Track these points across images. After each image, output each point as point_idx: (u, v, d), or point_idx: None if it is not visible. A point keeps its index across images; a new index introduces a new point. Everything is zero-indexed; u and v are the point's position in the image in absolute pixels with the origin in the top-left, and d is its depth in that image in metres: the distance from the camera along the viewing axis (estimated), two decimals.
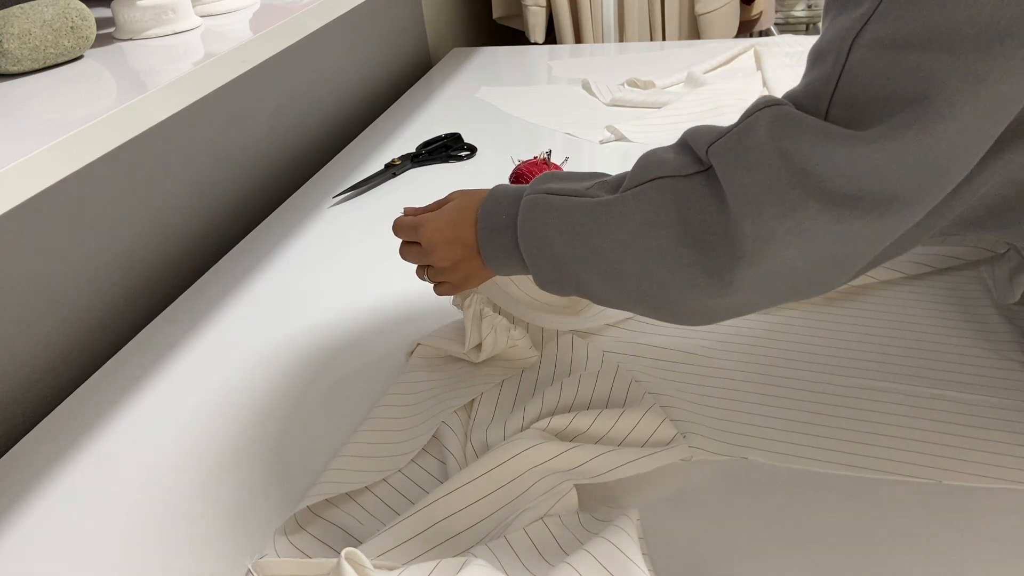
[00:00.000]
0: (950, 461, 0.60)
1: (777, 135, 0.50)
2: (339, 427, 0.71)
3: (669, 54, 1.61)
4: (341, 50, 1.40)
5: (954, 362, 0.70)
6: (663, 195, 0.55)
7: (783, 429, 0.64)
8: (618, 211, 0.57)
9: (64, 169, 0.55)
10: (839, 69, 0.49)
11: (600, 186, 0.60)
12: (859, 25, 0.48)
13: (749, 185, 0.50)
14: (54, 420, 0.76)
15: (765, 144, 0.50)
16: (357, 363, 0.79)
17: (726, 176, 0.52)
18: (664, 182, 0.56)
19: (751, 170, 0.50)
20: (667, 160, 0.57)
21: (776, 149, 0.49)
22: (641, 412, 0.64)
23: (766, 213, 0.50)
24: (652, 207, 0.56)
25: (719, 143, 0.53)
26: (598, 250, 0.58)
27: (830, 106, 0.49)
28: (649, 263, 0.56)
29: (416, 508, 0.58)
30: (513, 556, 0.55)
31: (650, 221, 0.56)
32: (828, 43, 0.50)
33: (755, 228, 0.51)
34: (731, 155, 0.52)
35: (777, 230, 0.50)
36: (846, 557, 0.54)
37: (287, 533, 0.60)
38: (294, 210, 1.13)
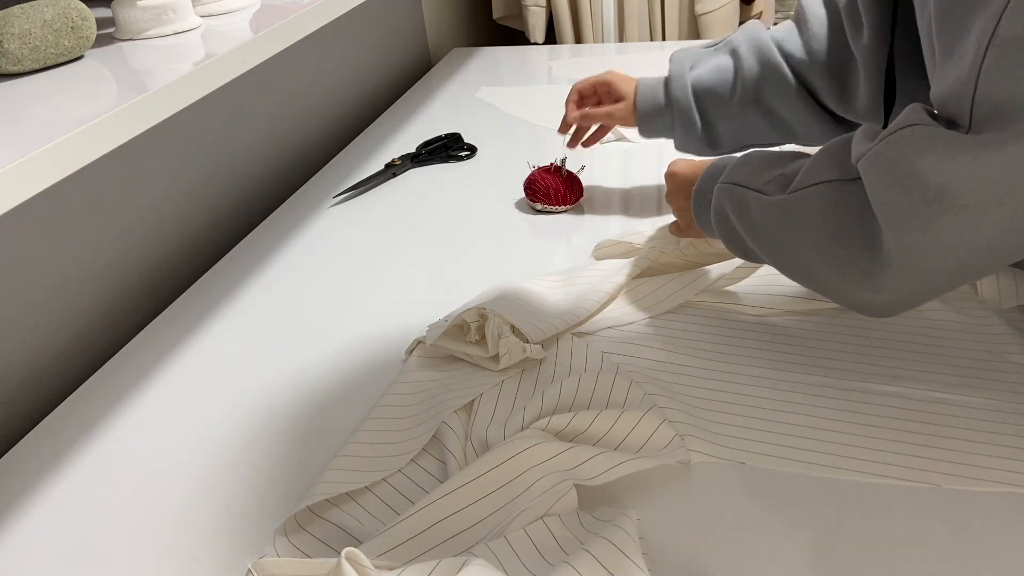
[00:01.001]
0: (949, 465, 0.60)
1: (911, 154, 0.51)
2: (339, 426, 0.71)
3: (669, 54, 1.61)
4: (341, 50, 1.40)
5: (954, 365, 0.69)
6: (823, 199, 0.60)
7: (781, 433, 0.64)
8: (783, 211, 0.63)
9: (64, 169, 0.55)
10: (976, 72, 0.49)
11: (777, 181, 0.64)
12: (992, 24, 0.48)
13: (888, 203, 0.53)
14: (54, 420, 0.76)
15: (899, 164, 0.52)
16: (357, 363, 0.79)
17: (870, 191, 0.55)
18: (827, 187, 0.59)
19: (888, 189, 0.53)
20: (836, 161, 0.60)
21: (909, 169, 0.51)
22: (640, 414, 0.64)
23: (906, 228, 0.52)
24: (811, 209, 0.60)
25: (863, 160, 0.55)
26: (770, 241, 0.65)
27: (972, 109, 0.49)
28: (810, 259, 0.61)
29: (416, 508, 0.58)
30: (513, 556, 0.55)
31: (809, 223, 0.60)
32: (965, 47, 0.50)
33: (897, 242, 0.53)
34: (872, 172, 0.54)
35: (919, 243, 0.52)
36: (843, 560, 0.54)
37: (287, 533, 0.60)
38: (294, 210, 1.13)
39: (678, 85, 0.92)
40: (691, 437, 0.64)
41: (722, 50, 0.92)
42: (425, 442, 0.66)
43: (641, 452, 0.62)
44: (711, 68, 0.91)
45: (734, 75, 0.89)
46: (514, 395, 0.71)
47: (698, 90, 0.91)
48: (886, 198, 0.53)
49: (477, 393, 0.71)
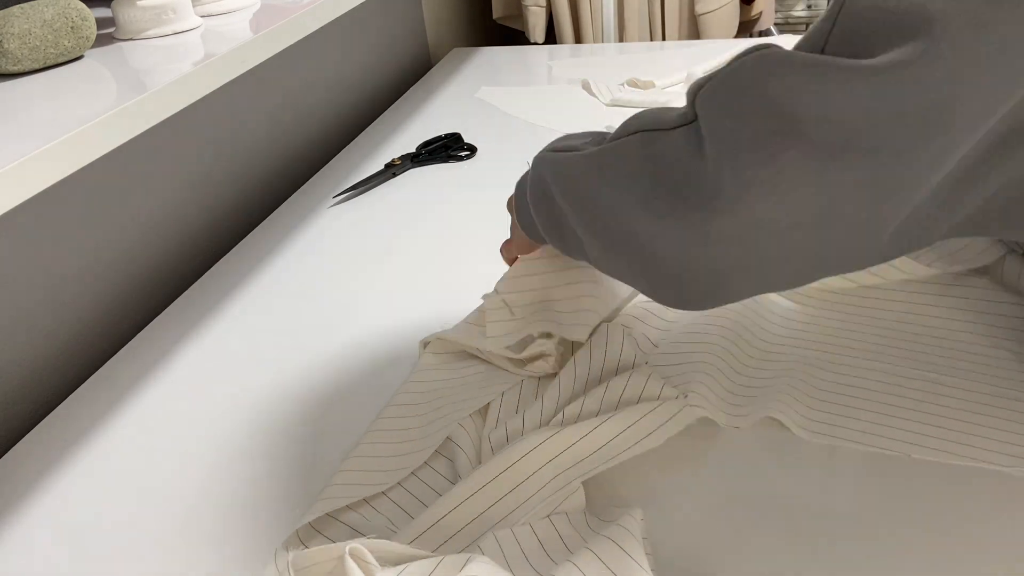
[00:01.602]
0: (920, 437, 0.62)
1: (763, 77, 0.47)
2: (339, 426, 0.71)
3: (669, 54, 1.61)
4: (341, 50, 1.40)
5: (944, 347, 0.70)
6: (641, 148, 0.55)
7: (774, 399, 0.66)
8: (599, 162, 0.58)
9: (64, 169, 0.55)
10: (838, 6, 0.46)
11: (594, 140, 0.60)
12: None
13: (731, 131, 0.48)
14: (54, 420, 0.76)
15: (750, 87, 0.47)
16: (358, 362, 0.79)
17: (708, 123, 0.50)
18: (644, 135, 0.55)
19: (733, 115, 0.48)
20: (655, 115, 0.56)
21: (761, 92, 0.46)
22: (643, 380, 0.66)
23: (745, 160, 0.47)
24: (628, 159, 0.55)
25: (705, 88, 0.50)
26: (585, 201, 0.59)
27: (826, 44, 0.46)
28: (628, 213, 0.55)
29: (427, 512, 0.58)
30: (518, 552, 0.55)
31: (626, 172, 0.55)
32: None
33: (732, 175, 0.48)
34: (715, 100, 0.49)
35: (755, 178, 0.47)
36: (844, 559, 0.54)
37: (300, 536, 0.60)
38: (294, 210, 1.13)
39: None
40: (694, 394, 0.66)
41: None
42: (439, 444, 0.66)
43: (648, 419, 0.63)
44: None
45: None
46: (533, 394, 0.71)
47: None
48: (730, 126, 0.48)
49: (495, 395, 0.70)
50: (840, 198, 0.47)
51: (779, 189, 0.47)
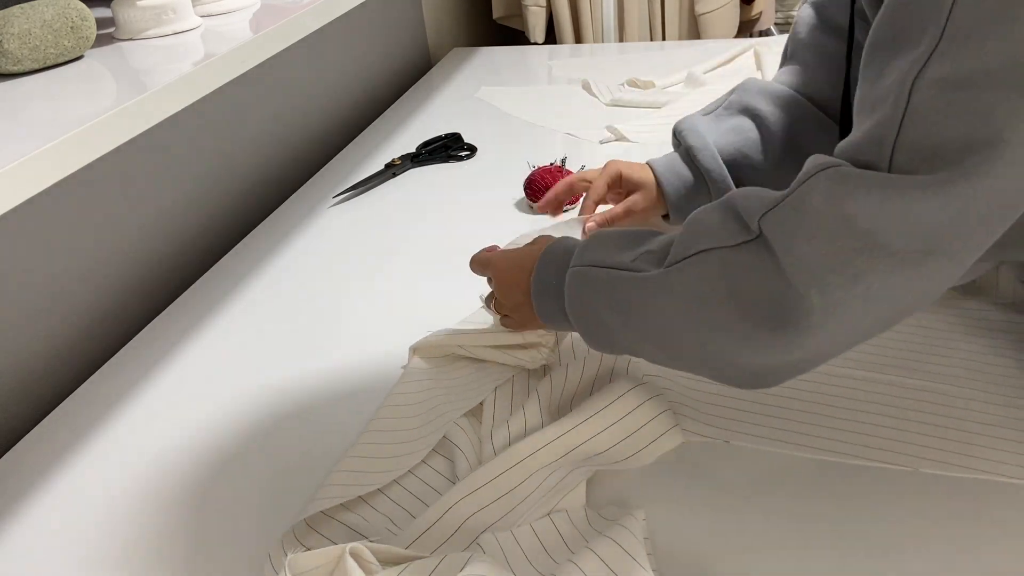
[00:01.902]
0: (927, 450, 0.61)
1: (837, 199, 0.47)
2: (339, 426, 0.71)
3: (669, 54, 1.61)
4: (341, 50, 1.40)
5: (944, 356, 0.70)
6: (710, 268, 0.53)
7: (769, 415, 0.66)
8: (665, 287, 0.56)
9: (64, 169, 0.55)
10: (901, 112, 0.46)
11: (646, 257, 0.58)
12: (919, 66, 0.45)
13: (811, 256, 0.48)
14: (54, 420, 0.76)
15: (824, 210, 0.47)
16: (358, 362, 0.79)
17: (783, 247, 0.49)
18: (710, 255, 0.53)
19: (812, 240, 0.48)
20: (713, 228, 0.54)
21: (837, 215, 0.47)
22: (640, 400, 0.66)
23: (833, 283, 0.47)
24: (699, 282, 0.54)
25: (772, 213, 0.50)
26: (650, 325, 0.57)
27: (894, 151, 0.46)
28: (704, 336, 0.54)
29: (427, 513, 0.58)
30: (519, 552, 0.55)
31: (699, 297, 0.54)
32: (886, 88, 0.47)
33: (822, 299, 0.48)
34: (787, 225, 0.49)
35: (845, 298, 0.48)
36: (846, 558, 0.54)
37: (296, 535, 0.60)
38: (294, 210, 1.13)
39: (706, 156, 0.82)
40: (684, 418, 0.66)
41: (727, 114, 0.84)
42: (435, 443, 0.66)
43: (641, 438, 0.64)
44: (726, 132, 0.83)
45: (759, 133, 0.82)
46: (526, 388, 0.71)
47: (724, 156, 0.82)
48: (808, 250, 0.48)
49: (488, 391, 0.70)
50: (919, 292, 0.49)
51: (868, 301, 0.48)
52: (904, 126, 0.46)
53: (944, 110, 0.44)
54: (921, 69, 0.45)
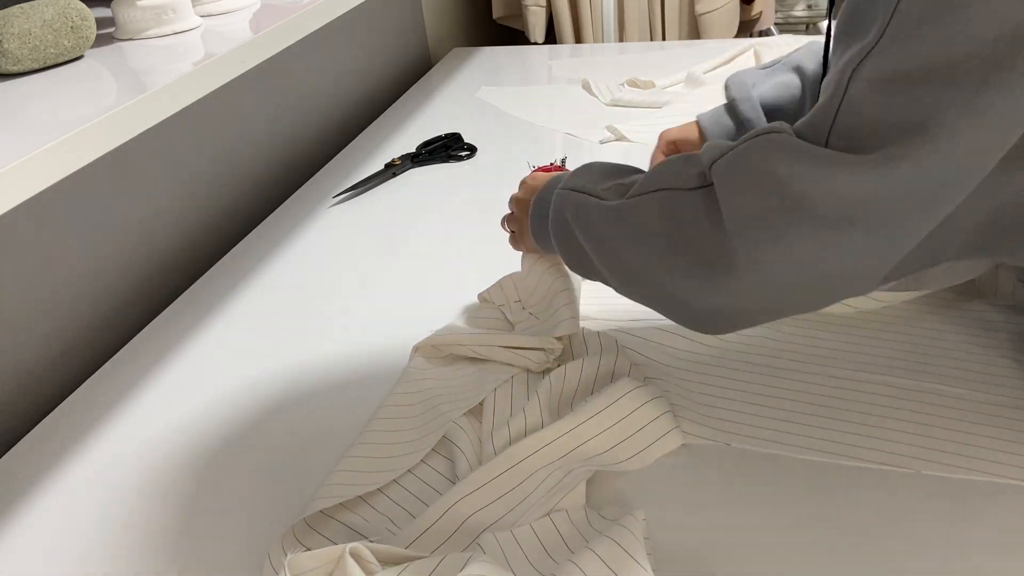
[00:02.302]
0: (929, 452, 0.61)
1: (772, 159, 0.50)
2: (339, 426, 0.71)
3: (669, 54, 1.61)
4: (341, 50, 1.40)
5: (944, 357, 0.70)
6: (662, 206, 0.57)
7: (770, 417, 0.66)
8: (621, 216, 0.60)
9: (64, 169, 0.55)
10: (838, 101, 0.49)
11: (616, 188, 0.62)
12: (859, 58, 0.48)
13: (743, 207, 0.51)
14: (54, 420, 0.76)
15: (760, 167, 0.51)
16: (358, 362, 0.79)
17: (722, 195, 0.53)
18: (664, 194, 0.58)
19: (745, 192, 0.51)
20: (675, 171, 0.58)
21: (770, 173, 0.50)
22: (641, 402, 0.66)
23: (757, 235, 0.51)
24: (649, 217, 0.58)
25: (720, 161, 0.54)
26: (609, 249, 0.62)
27: (829, 136, 0.49)
28: (650, 267, 0.58)
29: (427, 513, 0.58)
30: (519, 553, 0.55)
31: (648, 231, 0.58)
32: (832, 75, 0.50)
33: (746, 247, 0.51)
34: (728, 175, 0.53)
35: (767, 251, 0.51)
36: (847, 559, 0.54)
37: (296, 534, 0.60)
38: (294, 210, 1.13)
39: (747, 107, 0.86)
40: (684, 420, 0.66)
41: (782, 69, 0.88)
42: (435, 443, 0.66)
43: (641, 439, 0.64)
44: (774, 86, 0.87)
45: (802, 90, 0.85)
46: (526, 389, 0.71)
47: (766, 108, 0.86)
48: (741, 202, 0.52)
49: (489, 391, 0.70)
50: (840, 260, 0.51)
51: (788, 259, 0.51)
52: (840, 113, 0.49)
53: (877, 101, 0.47)
54: (861, 61, 0.48)
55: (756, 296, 0.54)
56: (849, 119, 0.49)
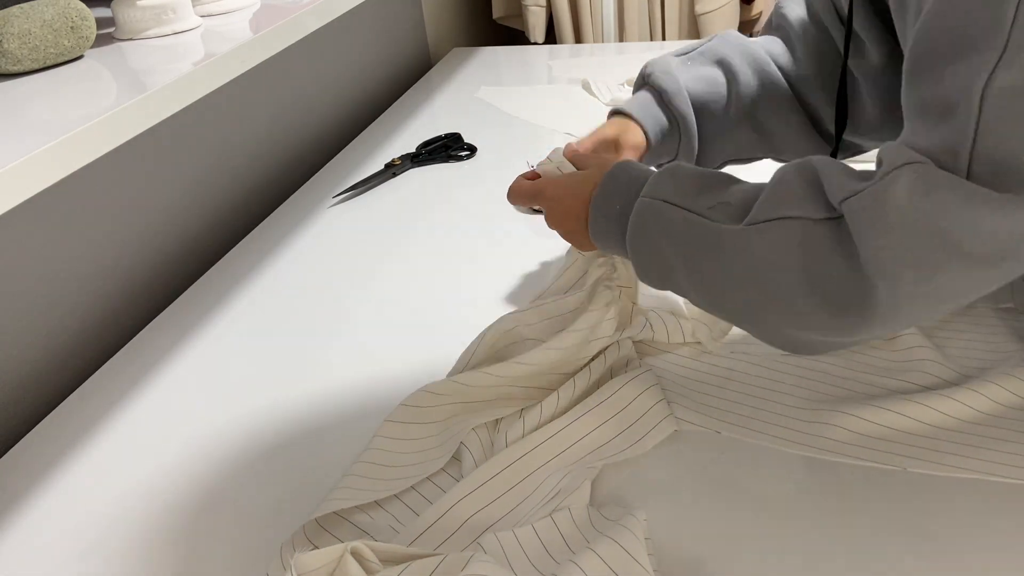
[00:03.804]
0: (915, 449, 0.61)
1: (919, 195, 0.46)
2: (339, 427, 0.71)
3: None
4: (341, 50, 1.40)
5: (941, 355, 0.70)
6: (790, 237, 0.53)
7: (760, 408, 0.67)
8: (739, 244, 0.55)
9: (64, 169, 0.55)
10: (974, 123, 0.45)
11: (723, 209, 0.57)
12: (986, 73, 0.45)
13: (887, 248, 0.48)
14: (54, 420, 0.76)
15: (905, 204, 0.47)
16: (358, 362, 0.79)
17: (861, 235, 0.49)
18: (793, 223, 0.53)
19: (890, 232, 0.47)
20: (799, 196, 0.54)
21: (918, 210, 0.46)
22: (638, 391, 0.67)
23: (905, 277, 0.48)
24: (776, 248, 0.53)
25: (855, 200, 0.49)
26: (710, 275, 0.58)
27: (971, 163, 0.46)
28: (761, 301, 0.55)
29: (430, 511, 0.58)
30: (520, 553, 0.55)
31: (772, 263, 0.54)
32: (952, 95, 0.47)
33: (891, 291, 0.48)
34: (867, 214, 0.49)
35: (914, 294, 0.48)
36: (847, 560, 0.54)
37: (307, 532, 0.59)
38: (294, 210, 1.13)
39: (680, 100, 0.80)
40: (677, 406, 0.67)
41: (704, 61, 0.82)
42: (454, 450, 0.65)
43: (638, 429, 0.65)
44: (697, 79, 0.81)
45: (728, 88, 0.80)
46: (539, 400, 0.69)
47: (695, 105, 0.81)
48: (887, 243, 0.48)
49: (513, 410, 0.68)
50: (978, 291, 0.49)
51: (935, 299, 0.49)
52: (979, 136, 0.45)
53: (1017, 119, 0.44)
54: (990, 77, 0.44)
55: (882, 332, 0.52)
56: (989, 142, 0.45)
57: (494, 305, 0.85)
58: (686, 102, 0.80)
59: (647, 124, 0.80)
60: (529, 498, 0.60)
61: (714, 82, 0.80)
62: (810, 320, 0.53)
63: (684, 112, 0.79)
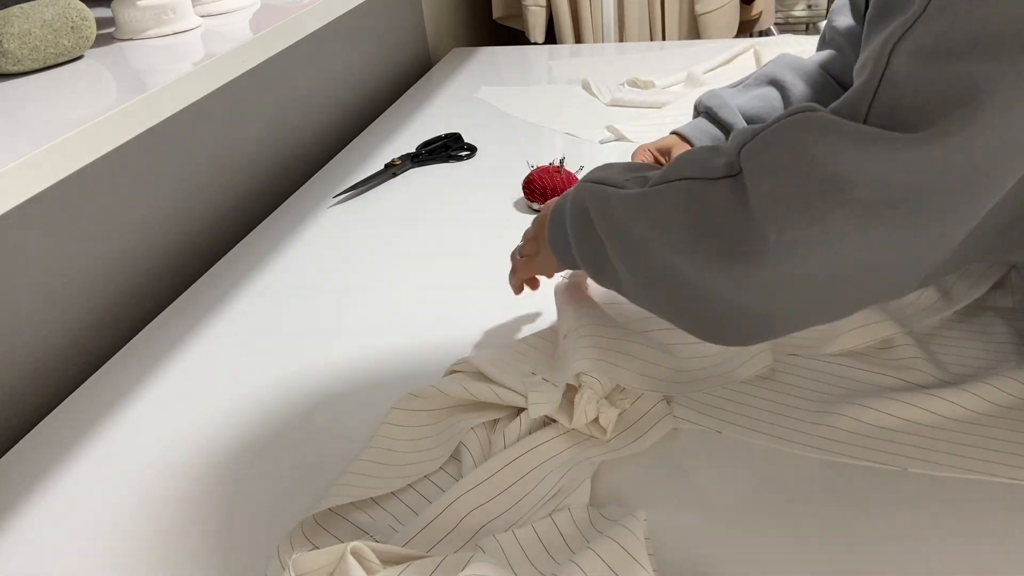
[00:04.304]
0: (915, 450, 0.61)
1: (808, 139, 0.47)
2: (338, 427, 0.71)
3: (669, 54, 1.61)
4: (341, 50, 1.40)
5: (940, 355, 0.70)
6: (684, 196, 0.55)
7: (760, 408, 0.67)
8: (642, 204, 0.57)
9: (64, 169, 0.55)
10: (878, 76, 0.46)
11: (638, 180, 0.60)
12: (900, 32, 0.46)
13: (775, 191, 0.48)
14: (54, 420, 0.76)
15: (794, 146, 0.48)
16: (357, 362, 0.79)
17: (752, 180, 0.50)
18: (688, 183, 0.55)
19: (778, 175, 0.48)
20: (700, 160, 0.55)
21: (806, 154, 0.47)
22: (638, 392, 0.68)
23: (791, 220, 0.48)
24: (672, 205, 0.55)
25: (749, 144, 0.51)
26: (626, 240, 0.59)
27: (869, 113, 0.47)
28: (671, 257, 0.56)
29: (430, 510, 0.58)
30: (520, 553, 0.55)
31: (670, 218, 0.55)
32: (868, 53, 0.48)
33: (779, 234, 0.49)
34: (759, 158, 0.50)
35: (802, 238, 0.48)
36: (846, 562, 0.54)
37: (304, 530, 0.60)
38: (294, 210, 1.13)
39: (727, 112, 0.84)
40: (677, 405, 0.68)
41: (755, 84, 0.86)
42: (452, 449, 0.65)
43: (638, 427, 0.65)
44: (751, 99, 0.85)
45: (782, 103, 0.84)
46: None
47: (747, 120, 0.84)
48: (773, 184, 0.48)
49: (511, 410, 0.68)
50: (883, 251, 0.48)
51: (823, 246, 0.48)
52: (880, 89, 0.46)
53: (920, 75, 0.45)
54: (903, 35, 0.46)
55: (785, 292, 0.51)
56: (890, 95, 0.46)
57: (494, 305, 0.85)
58: (734, 113, 0.85)
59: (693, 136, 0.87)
60: (528, 496, 0.60)
61: (767, 99, 0.85)
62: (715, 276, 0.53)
63: (733, 121, 0.85)
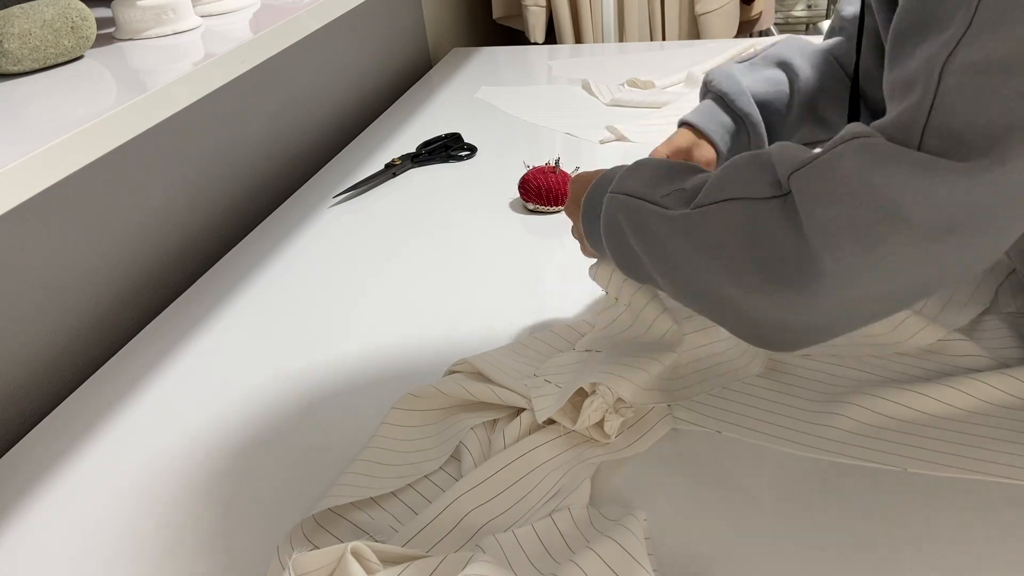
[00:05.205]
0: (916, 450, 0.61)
1: (866, 169, 0.47)
2: (338, 427, 0.71)
3: (669, 54, 1.61)
4: (341, 50, 1.40)
5: (940, 355, 0.70)
6: (734, 217, 0.54)
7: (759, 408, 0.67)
8: (687, 228, 0.57)
9: (64, 169, 0.55)
10: (931, 98, 0.46)
11: (677, 195, 0.59)
12: (948, 50, 0.45)
13: (832, 219, 0.48)
14: (54, 420, 0.76)
15: (852, 176, 0.47)
16: (357, 362, 0.79)
17: (806, 207, 0.49)
18: (736, 204, 0.54)
19: (835, 203, 0.48)
20: (745, 178, 0.54)
21: (865, 184, 0.47)
22: None
23: (849, 248, 0.48)
24: (720, 229, 0.54)
25: (802, 172, 0.50)
26: (670, 260, 0.59)
27: (923, 137, 0.46)
28: (717, 281, 0.55)
29: (430, 509, 0.59)
30: (520, 553, 0.55)
31: (719, 244, 0.54)
32: (914, 72, 0.47)
33: (835, 263, 0.49)
34: (814, 185, 0.49)
35: (860, 264, 0.48)
36: (845, 553, 0.54)
37: (304, 530, 0.60)
38: (294, 210, 1.13)
39: (744, 101, 0.83)
40: (677, 406, 0.68)
41: (763, 64, 0.86)
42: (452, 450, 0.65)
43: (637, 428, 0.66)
44: (760, 80, 0.84)
45: (790, 86, 0.83)
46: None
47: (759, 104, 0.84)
48: (830, 214, 0.48)
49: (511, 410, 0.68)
50: (939, 268, 0.49)
51: (881, 269, 0.48)
52: (934, 110, 0.46)
53: (974, 95, 0.45)
54: (951, 54, 0.45)
55: (837, 311, 0.51)
56: (944, 117, 0.46)
57: (494, 305, 0.85)
58: (750, 102, 0.83)
59: (715, 135, 0.84)
60: (528, 496, 0.60)
61: (776, 82, 0.84)
62: (762, 297, 0.53)
63: (748, 111, 0.83)
